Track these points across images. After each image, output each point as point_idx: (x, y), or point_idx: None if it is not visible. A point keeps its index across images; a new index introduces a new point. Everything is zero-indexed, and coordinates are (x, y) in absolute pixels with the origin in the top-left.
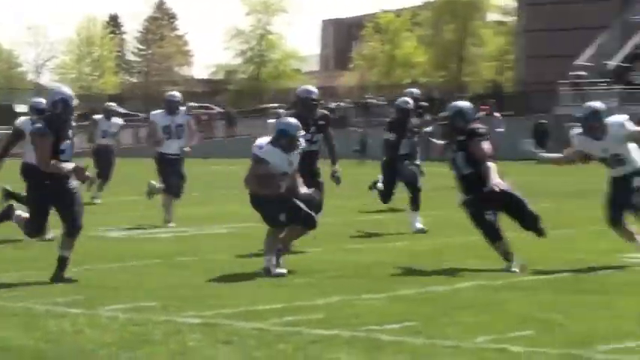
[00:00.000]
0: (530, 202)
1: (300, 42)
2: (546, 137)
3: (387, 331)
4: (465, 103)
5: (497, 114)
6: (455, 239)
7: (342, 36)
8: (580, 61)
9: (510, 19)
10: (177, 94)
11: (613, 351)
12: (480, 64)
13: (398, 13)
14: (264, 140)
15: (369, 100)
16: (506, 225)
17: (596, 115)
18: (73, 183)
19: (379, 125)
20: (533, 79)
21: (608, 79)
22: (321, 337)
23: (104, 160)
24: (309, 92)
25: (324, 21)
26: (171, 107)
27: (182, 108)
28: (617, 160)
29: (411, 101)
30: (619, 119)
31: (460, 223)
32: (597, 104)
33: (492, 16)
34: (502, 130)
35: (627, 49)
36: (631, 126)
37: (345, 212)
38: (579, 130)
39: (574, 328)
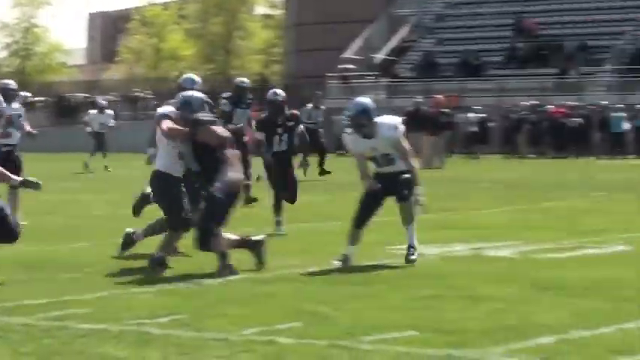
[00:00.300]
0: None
1: (66, 35)
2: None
3: (156, 324)
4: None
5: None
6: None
7: (109, 29)
8: (348, 54)
9: (278, 12)
10: (12, 81)
11: (379, 341)
12: (247, 58)
13: (165, 6)
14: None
15: (136, 94)
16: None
17: (365, 113)
18: None
19: (147, 119)
20: (301, 73)
21: (376, 73)
22: (89, 331)
23: None
24: (276, 94)
25: (90, 14)
26: (8, 96)
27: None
28: (387, 159)
29: (281, 92)
30: (392, 121)
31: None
32: (366, 101)
33: (260, 10)
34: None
35: (393, 42)
36: (400, 133)
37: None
38: (349, 130)
39: (342, 319)
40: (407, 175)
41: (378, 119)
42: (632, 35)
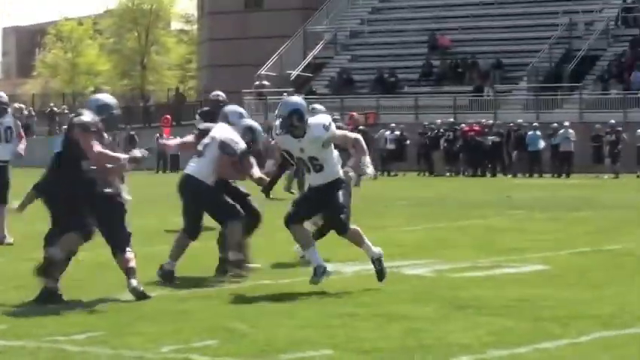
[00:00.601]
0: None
1: None
2: None
3: (73, 341)
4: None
5: None
6: (140, 249)
7: (25, 43)
8: (263, 70)
9: (193, 27)
10: (3, 94)
11: (294, 359)
12: (163, 73)
13: (80, 21)
14: None
15: (53, 109)
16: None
17: (296, 113)
18: None
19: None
20: (215, 88)
21: (291, 89)
22: (6, 349)
23: None
24: (218, 95)
25: (4, 28)
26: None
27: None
28: (315, 164)
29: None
30: (322, 121)
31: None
32: (298, 100)
33: (176, 25)
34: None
35: (309, 59)
36: (332, 132)
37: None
38: (279, 130)
39: (258, 336)
40: (340, 199)
41: (310, 119)
42: (547, 53)
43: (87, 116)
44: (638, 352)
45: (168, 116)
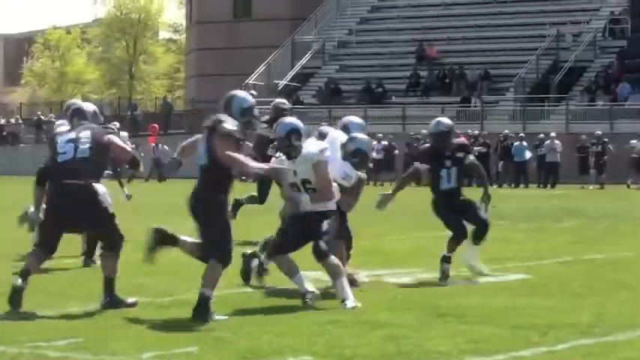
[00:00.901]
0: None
1: None
2: None
3: (54, 347)
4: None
5: None
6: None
7: (12, 52)
8: (251, 80)
9: (182, 37)
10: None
11: None
12: (151, 82)
13: (68, 29)
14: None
15: (41, 117)
16: None
17: (293, 132)
18: None
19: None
20: (204, 98)
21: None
22: None
23: None
24: (283, 103)
25: None
26: None
27: None
28: (308, 187)
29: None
30: (318, 145)
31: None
32: (295, 121)
33: (164, 34)
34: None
35: (297, 68)
36: (325, 158)
37: None
38: (278, 153)
39: (240, 343)
40: (326, 227)
41: (305, 142)
42: (534, 65)
43: (229, 124)
44: (615, 359)
45: (156, 125)
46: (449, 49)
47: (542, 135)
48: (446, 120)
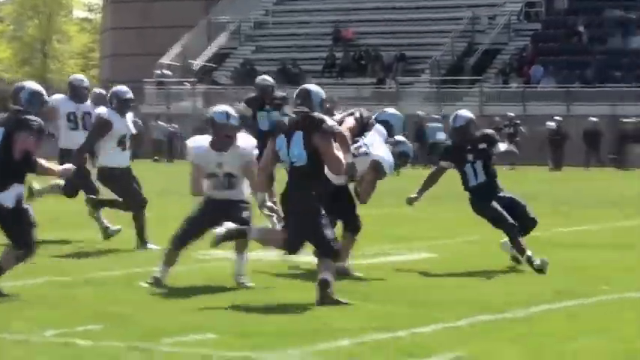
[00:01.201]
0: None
1: None
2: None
3: None
4: None
5: None
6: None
7: None
8: (165, 59)
9: (96, 16)
10: (84, 78)
11: (178, 343)
12: (65, 61)
13: None
14: None
15: None
16: None
17: (229, 119)
18: None
19: None
20: (118, 77)
21: (194, 79)
22: None
23: None
24: (265, 80)
25: None
26: (79, 93)
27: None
28: (230, 181)
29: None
30: (252, 141)
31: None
32: (229, 109)
33: (78, 13)
34: None
35: (212, 49)
36: (255, 156)
37: None
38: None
39: (143, 321)
40: (245, 213)
41: (238, 135)
42: (449, 47)
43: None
44: (513, 335)
45: None
46: (365, 30)
47: None
48: (464, 113)
